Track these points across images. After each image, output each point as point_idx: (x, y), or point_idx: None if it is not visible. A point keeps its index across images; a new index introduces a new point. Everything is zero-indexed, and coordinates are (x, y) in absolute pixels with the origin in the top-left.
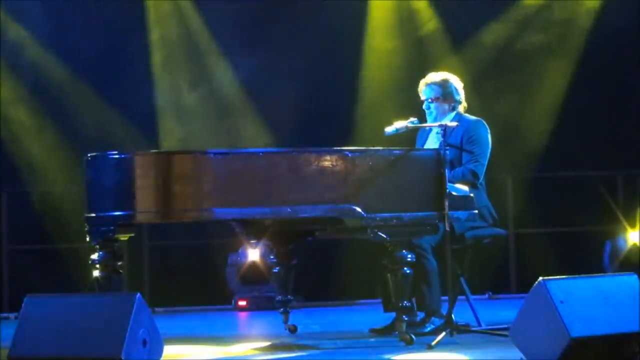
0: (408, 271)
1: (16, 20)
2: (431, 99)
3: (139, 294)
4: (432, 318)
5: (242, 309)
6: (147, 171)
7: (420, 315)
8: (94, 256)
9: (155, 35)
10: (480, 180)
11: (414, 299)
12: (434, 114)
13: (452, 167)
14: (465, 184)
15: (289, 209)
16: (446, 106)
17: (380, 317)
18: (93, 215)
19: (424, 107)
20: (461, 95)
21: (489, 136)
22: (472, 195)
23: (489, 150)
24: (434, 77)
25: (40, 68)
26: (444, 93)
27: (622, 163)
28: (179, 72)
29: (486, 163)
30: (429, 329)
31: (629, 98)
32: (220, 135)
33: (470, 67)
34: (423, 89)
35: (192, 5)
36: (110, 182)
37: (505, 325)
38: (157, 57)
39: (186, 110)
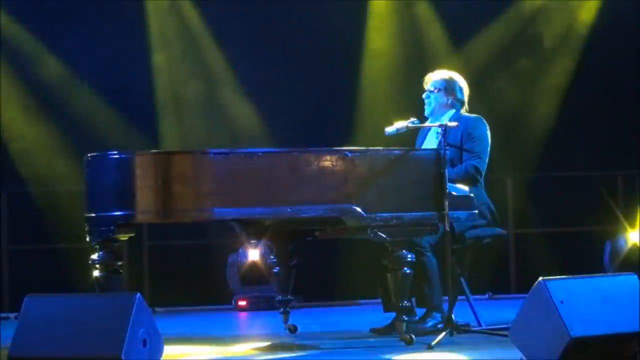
0: (408, 271)
1: (16, 20)
2: (433, 89)
3: (139, 294)
4: (433, 313)
5: (242, 309)
6: (147, 171)
7: (421, 312)
8: (94, 256)
9: (155, 34)
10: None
11: (414, 299)
12: (433, 104)
13: (452, 166)
14: (467, 181)
15: (289, 209)
16: (446, 100)
17: (380, 317)
18: (93, 215)
19: (423, 96)
20: (464, 97)
21: (489, 133)
22: (472, 195)
23: (489, 147)
24: (441, 72)
25: (40, 68)
26: (447, 87)
27: (622, 163)
28: (179, 71)
29: (487, 160)
30: (430, 324)
31: (629, 98)
32: (220, 135)
33: (470, 68)
34: (428, 80)
35: (191, 4)
36: (110, 182)
37: (505, 325)
38: (157, 56)
39: (186, 109)
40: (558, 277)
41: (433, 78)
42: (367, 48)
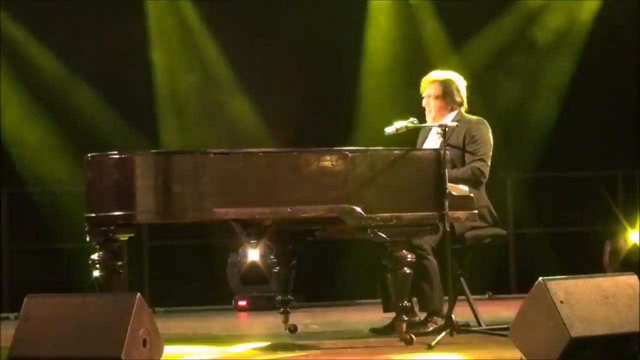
0: (408, 271)
1: (16, 19)
2: (431, 96)
3: (139, 294)
4: (435, 318)
5: (242, 309)
6: (147, 171)
7: (423, 316)
8: (94, 256)
9: (155, 34)
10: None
11: (414, 299)
12: (433, 112)
13: (454, 167)
14: (470, 183)
15: (289, 209)
16: (445, 105)
17: (380, 317)
18: (93, 215)
19: (423, 103)
20: (463, 96)
21: (491, 135)
22: (472, 195)
23: (492, 149)
24: (437, 75)
25: (40, 68)
26: (445, 92)
27: (622, 163)
28: (179, 72)
29: (489, 162)
30: (431, 328)
31: (629, 98)
32: (220, 135)
33: (470, 68)
34: (424, 86)
35: (191, 3)
36: (110, 182)
37: (505, 325)
38: (157, 56)
39: (186, 109)
40: (558, 277)
41: (429, 83)
42: (367, 48)
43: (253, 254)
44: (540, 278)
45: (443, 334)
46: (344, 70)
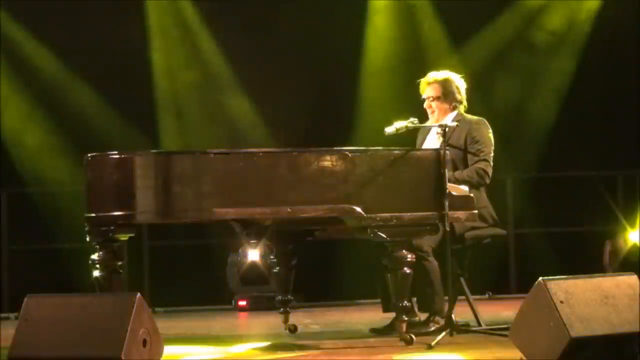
0: (408, 271)
1: (16, 19)
2: (432, 97)
3: (139, 294)
4: (436, 318)
5: (242, 309)
6: (147, 171)
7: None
8: (94, 256)
9: (155, 34)
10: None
11: (414, 299)
12: (436, 113)
13: (455, 168)
14: (475, 183)
15: (289, 209)
16: (447, 105)
17: (380, 317)
18: (93, 215)
19: (424, 105)
20: (462, 94)
21: (491, 134)
22: (472, 195)
23: (493, 148)
24: (435, 75)
25: (40, 68)
26: (445, 92)
27: (622, 163)
28: (179, 72)
29: (492, 162)
30: (433, 328)
31: (629, 98)
32: (220, 135)
33: (469, 68)
34: (424, 88)
35: (191, 3)
36: (110, 182)
37: (505, 325)
38: (157, 56)
39: (186, 109)
40: (558, 277)
41: (428, 84)
42: (366, 48)
43: (253, 254)
44: (540, 278)
45: (443, 334)
46: (344, 70)
